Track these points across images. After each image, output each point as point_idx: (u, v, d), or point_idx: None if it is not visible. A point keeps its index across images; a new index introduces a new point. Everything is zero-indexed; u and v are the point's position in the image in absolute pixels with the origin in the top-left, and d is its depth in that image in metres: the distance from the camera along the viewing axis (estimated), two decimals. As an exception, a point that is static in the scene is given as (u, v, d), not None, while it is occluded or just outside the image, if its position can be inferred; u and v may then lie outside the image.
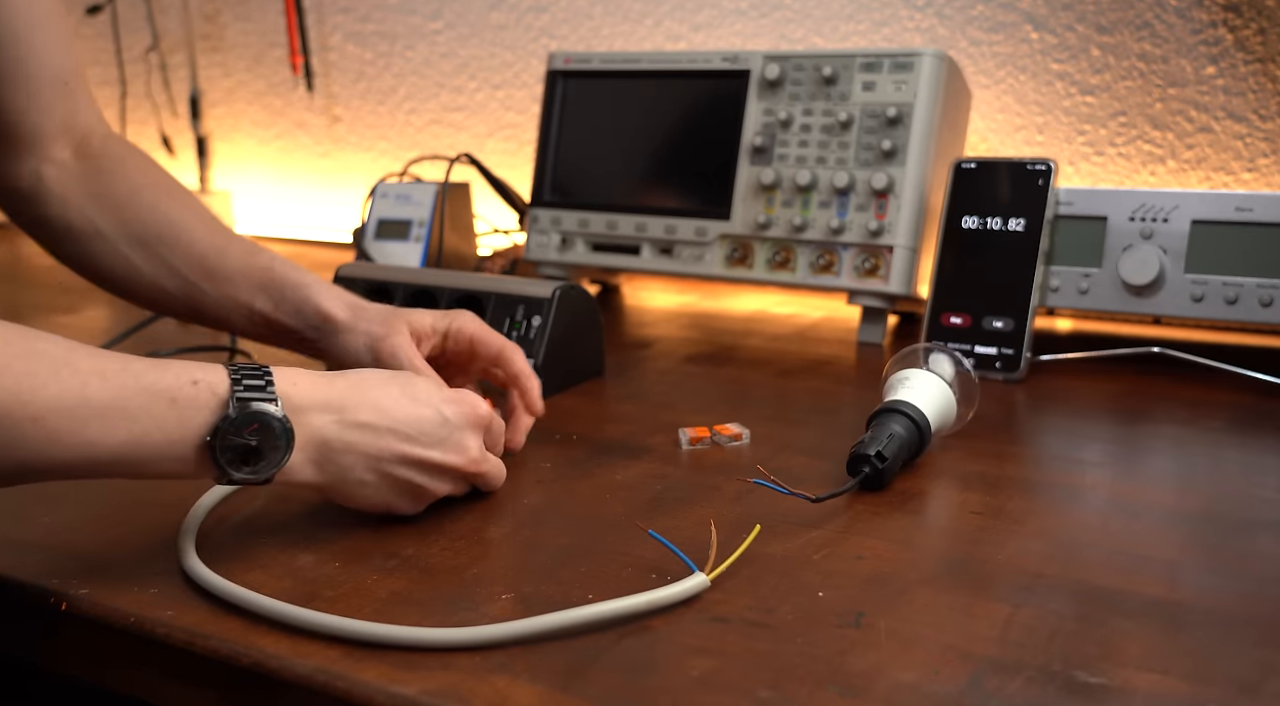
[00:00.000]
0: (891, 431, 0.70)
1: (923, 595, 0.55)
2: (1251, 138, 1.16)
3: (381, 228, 1.31)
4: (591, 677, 0.48)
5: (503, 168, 1.55)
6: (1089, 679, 0.47)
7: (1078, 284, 0.99)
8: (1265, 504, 0.68)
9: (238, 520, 0.64)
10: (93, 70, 1.94)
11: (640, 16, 1.48)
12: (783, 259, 1.10)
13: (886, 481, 0.69)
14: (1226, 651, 0.50)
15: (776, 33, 1.39)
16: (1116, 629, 0.52)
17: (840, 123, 1.07)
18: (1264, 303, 0.92)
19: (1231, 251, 0.93)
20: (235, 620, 0.52)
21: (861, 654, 0.49)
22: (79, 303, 1.27)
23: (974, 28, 1.28)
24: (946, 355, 0.78)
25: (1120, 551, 0.61)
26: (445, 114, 1.67)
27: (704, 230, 1.13)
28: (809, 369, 1.00)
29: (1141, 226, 0.96)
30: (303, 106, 1.79)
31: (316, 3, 1.73)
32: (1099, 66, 1.22)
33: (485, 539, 0.62)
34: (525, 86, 1.59)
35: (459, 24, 1.62)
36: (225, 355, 1.00)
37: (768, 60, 1.12)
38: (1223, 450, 0.78)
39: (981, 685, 0.47)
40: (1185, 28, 1.17)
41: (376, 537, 0.61)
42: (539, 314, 0.89)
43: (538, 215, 1.23)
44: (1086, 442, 0.80)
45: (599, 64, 1.22)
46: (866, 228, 1.05)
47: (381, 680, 0.48)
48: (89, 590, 0.55)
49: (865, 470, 0.68)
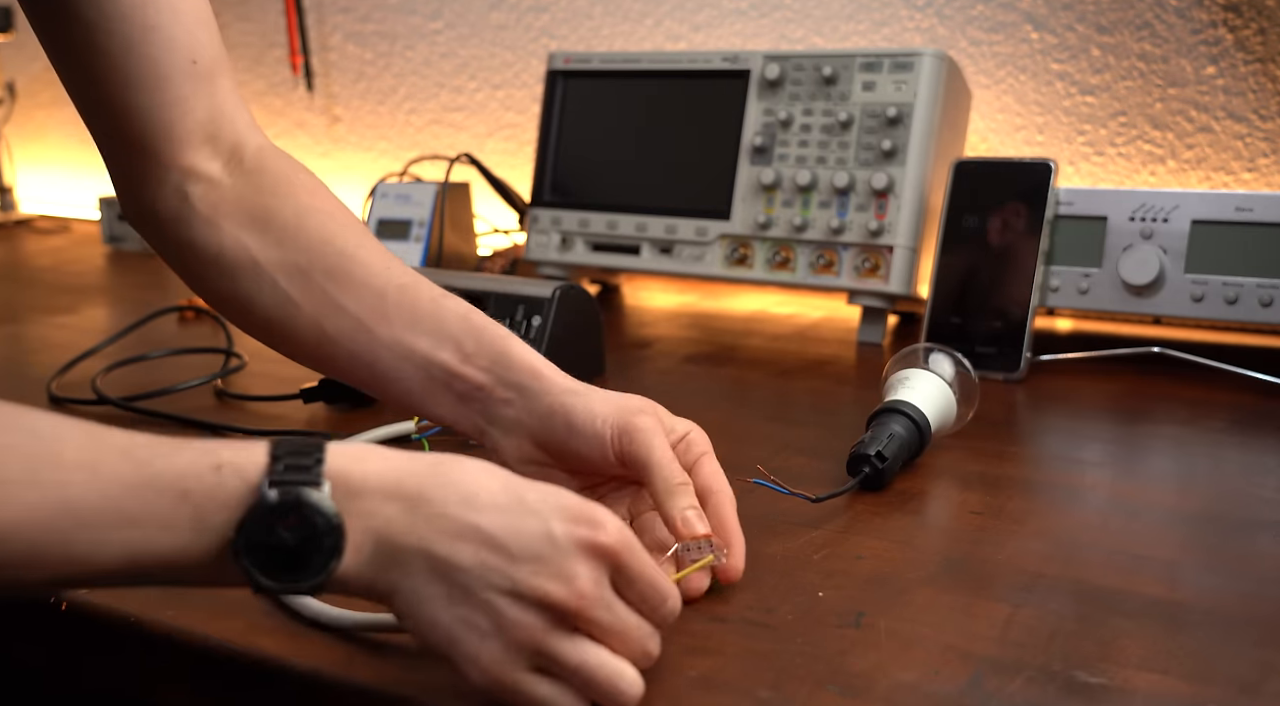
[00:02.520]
0: (891, 431, 0.70)
1: (923, 595, 0.55)
2: (1251, 138, 1.16)
3: (381, 227, 1.31)
4: (591, 677, 0.48)
5: (503, 168, 1.55)
6: (1089, 679, 0.47)
7: (1078, 284, 0.99)
8: (1265, 504, 0.68)
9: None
10: (93, 70, 1.94)
11: (640, 16, 1.48)
12: (783, 259, 1.10)
13: (887, 481, 0.69)
14: (1226, 651, 0.50)
15: (776, 33, 1.39)
16: (1116, 629, 0.52)
17: (840, 123, 1.07)
18: (1264, 303, 0.92)
19: (1231, 251, 0.93)
20: (235, 620, 0.52)
21: (861, 654, 0.49)
22: (78, 303, 1.27)
23: (974, 28, 1.28)
24: (946, 355, 0.77)
25: (1120, 551, 0.61)
26: (445, 114, 1.67)
27: (704, 230, 1.13)
28: (809, 369, 1.00)
29: (1141, 226, 0.96)
30: (303, 106, 1.79)
31: (316, 3, 1.73)
32: (1099, 66, 1.22)
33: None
34: (525, 86, 1.59)
35: (459, 24, 1.63)
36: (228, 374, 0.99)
37: (768, 60, 1.12)
38: (1223, 450, 0.78)
39: (981, 685, 0.47)
40: (1185, 28, 1.17)
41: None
42: (539, 314, 0.89)
43: (538, 215, 1.23)
44: (1086, 442, 0.80)
45: (599, 64, 1.22)
46: (866, 227, 1.05)
47: (381, 680, 0.48)
48: (88, 590, 0.55)
49: (865, 470, 0.68)
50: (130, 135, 0.64)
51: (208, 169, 0.65)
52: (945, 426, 0.75)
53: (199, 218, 0.64)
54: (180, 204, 0.65)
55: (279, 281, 0.63)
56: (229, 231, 0.64)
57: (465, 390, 0.61)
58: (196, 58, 0.64)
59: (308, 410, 0.84)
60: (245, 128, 0.67)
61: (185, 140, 0.64)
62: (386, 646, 0.50)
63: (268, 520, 0.41)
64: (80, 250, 1.66)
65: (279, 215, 0.64)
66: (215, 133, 0.65)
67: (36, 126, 2.01)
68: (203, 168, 0.65)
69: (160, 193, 0.65)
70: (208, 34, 0.65)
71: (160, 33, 0.62)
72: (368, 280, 0.62)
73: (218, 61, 0.65)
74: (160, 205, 0.65)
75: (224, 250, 0.64)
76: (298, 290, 0.63)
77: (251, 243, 0.64)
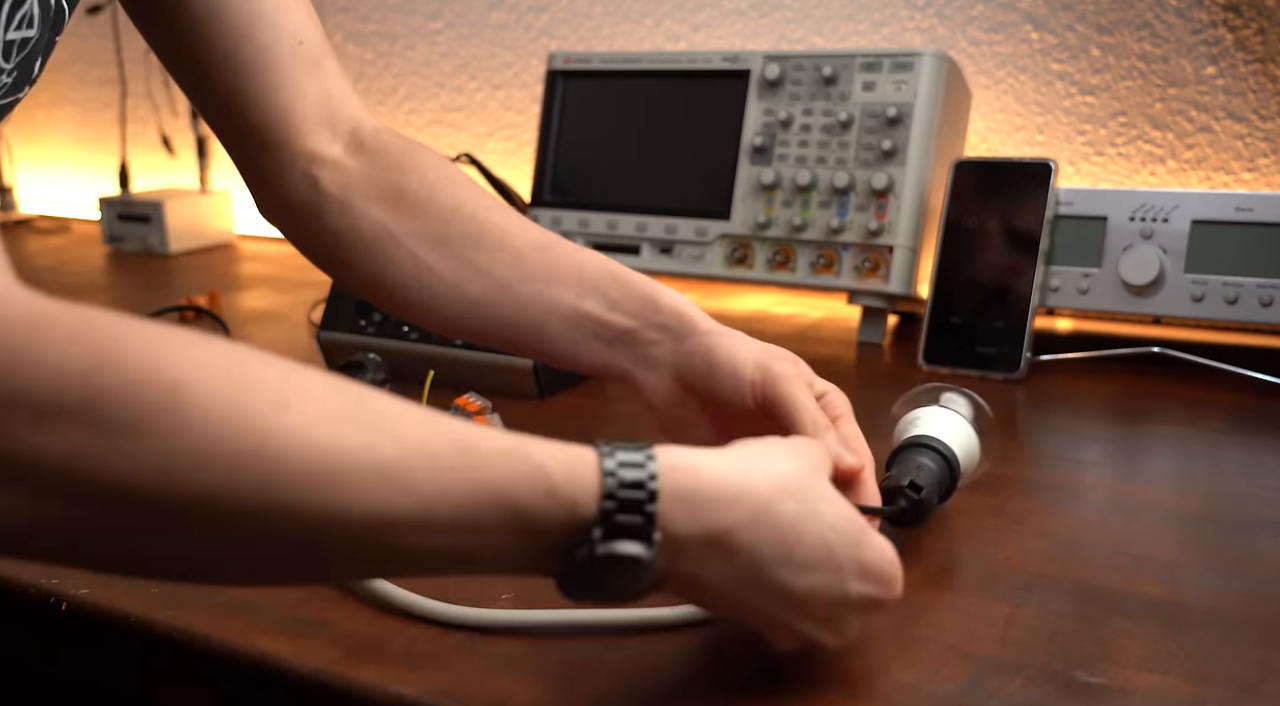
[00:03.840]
0: (919, 463, 0.60)
1: (923, 595, 0.55)
2: (1251, 138, 1.16)
3: (381, 228, 1.31)
4: (591, 678, 0.48)
5: (503, 168, 1.55)
6: (1089, 679, 0.47)
7: (1078, 284, 0.99)
8: (1265, 504, 0.68)
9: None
10: (93, 70, 1.94)
11: (640, 16, 1.48)
12: (783, 259, 1.10)
13: (925, 516, 0.59)
14: (1226, 651, 0.50)
15: (776, 33, 1.39)
16: (1116, 629, 0.52)
17: (840, 123, 1.07)
18: (1264, 303, 0.92)
19: (1231, 251, 0.93)
20: (235, 620, 0.52)
21: (861, 654, 0.49)
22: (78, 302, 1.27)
23: (974, 28, 1.28)
24: (961, 394, 0.68)
25: (1120, 551, 0.61)
26: (445, 114, 1.67)
27: (704, 230, 1.13)
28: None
29: (1141, 226, 0.96)
30: (303, 106, 1.79)
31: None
32: (1099, 66, 1.22)
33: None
34: (525, 86, 1.59)
35: (459, 24, 1.63)
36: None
37: (768, 60, 1.12)
38: (1223, 450, 0.78)
39: (981, 685, 0.47)
40: (1185, 28, 1.17)
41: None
42: (539, 314, 0.89)
43: (538, 215, 1.23)
44: (1086, 442, 0.80)
45: (599, 64, 1.22)
46: (866, 227, 1.05)
47: (381, 680, 0.48)
48: (89, 590, 0.55)
49: (901, 503, 0.57)
50: (250, 125, 0.65)
51: (331, 152, 0.66)
52: (969, 469, 0.66)
53: (331, 200, 0.65)
54: (310, 190, 0.65)
55: (417, 251, 0.64)
56: (362, 210, 0.65)
57: (613, 336, 0.62)
58: (303, 39, 0.65)
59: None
60: (358, 110, 0.68)
61: (303, 124, 0.65)
62: (387, 645, 0.50)
63: (588, 574, 0.41)
64: (80, 250, 1.66)
65: (409, 188, 0.65)
66: (331, 115, 0.66)
67: (36, 126, 2.01)
68: (326, 152, 0.66)
69: (290, 181, 0.66)
70: (310, 17, 0.66)
71: (267, 19, 0.63)
72: (504, 241, 0.64)
73: (322, 44, 0.66)
74: (292, 193, 0.66)
75: (360, 229, 0.65)
76: (437, 258, 0.64)
77: (386, 218, 0.64)
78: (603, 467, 0.42)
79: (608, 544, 0.41)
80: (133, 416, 0.35)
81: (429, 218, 0.64)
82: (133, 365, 0.36)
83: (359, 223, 0.65)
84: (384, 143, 0.67)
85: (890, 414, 0.68)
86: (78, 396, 0.35)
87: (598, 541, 0.41)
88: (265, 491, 0.36)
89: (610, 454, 0.42)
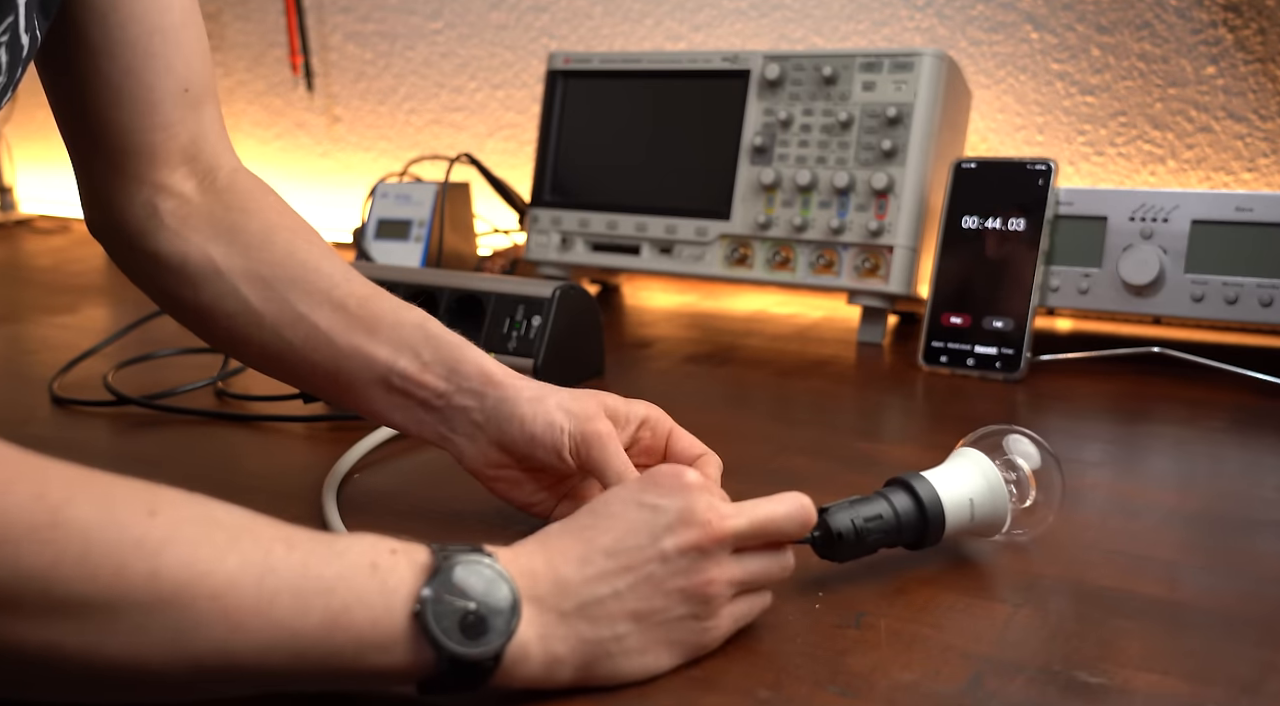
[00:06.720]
0: (880, 511, 0.56)
1: (923, 595, 0.55)
2: (1251, 138, 1.16)
3: (381, 227, 1.31)
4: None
5: (503, 168, 1.55)
6: (1089, 679, 0.47)
7: (1078, 284, 0.99)
8: (1265, 504, 0.68)
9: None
10: (93, 70, 1.94)
11: (640, 16, 1.48)
12: (783, 259, 1.10)
13: (844, 557, 0.55)
14: (1226, 651, 0.50)
15: (776, 33, 1.39)
16: (1116, 629, 0.52)
17: (840, 123, 1.07)
18: (1264, 303, 0.92)
19: (1231, 251, 0.93)
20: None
21: (861, 654, 0.49)
22: (78, 302, 1.28)
23: (974, 28, 1.28)
24: (1034, 443, 0.61)
25: (1120, 551, 0.61)
26: (445, 114, 1.67)
27: (704, 230, 1.13)
28: (809, 369, 1.00)
29: (1141, 226, 0.96)
30: (303, 106, 1.79)
31: (316, 3, 1.73)
32: (1099, 66, 1.22)
33: (489, 540, 0.62)
34: (525, 86, 1.59)
35: (459, 24, 1.63)
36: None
37: (768, 60, 1.12)
38: (1223, 450, 0.78)
39: (981, 685, 0.47)
40: (1185, 28, 1.17)
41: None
42: (539, 314, 0.89)
43: (538, 215, 1.23)
44: (1086, 442, 0.80)
45: (599, 64, 1.22)
46: (866, 227, 1.05)
47: (382, 680, 0.48)
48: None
49: (814, 534, 0.54)
50: (109, 150, 0.65)
51: (182, 187, 0.66)
52: (983, 524, 0.59)
53: (166, 230, 0.65)
54: (148, 217, 0.66)
55: (241, 289, 0.64)
56: (195, 242, 0.65)
57: (425, 397, 0.62)
58: (189, 86, 0.65)
59: (308, 410, 0.84)
60: (224, 152, 0.69)
61: (165, 159, 0.66)
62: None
63: (448, 586, 0.43)
64: (80, 250, 1.66)
65: (246, 229, 0.65)
66: (195, 155, 0.67)
67: (36, 126, 2.01)
68: (177, 186, 0.66)
69: (129, 206, 0.66)
70: (202, 64, 0.66)
71: (160, 60, 0.64)
72: (329, 291, 0.64)
73: (207, 89, 0.67)
74: (128, 217, 0.66)
75: (188, 259, 0.65)
76: (260, 298, 0.64)
77: (216, 253, 0.65)
78: (428, 547, 0.45)
79: (448, 556, 0.44)
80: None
81: (259, 259, 0.65)
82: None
83: (188, 251, 0.65)
84: (235, 183, 0.68)
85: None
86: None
87: (439, 559, 0.44)
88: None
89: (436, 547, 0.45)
